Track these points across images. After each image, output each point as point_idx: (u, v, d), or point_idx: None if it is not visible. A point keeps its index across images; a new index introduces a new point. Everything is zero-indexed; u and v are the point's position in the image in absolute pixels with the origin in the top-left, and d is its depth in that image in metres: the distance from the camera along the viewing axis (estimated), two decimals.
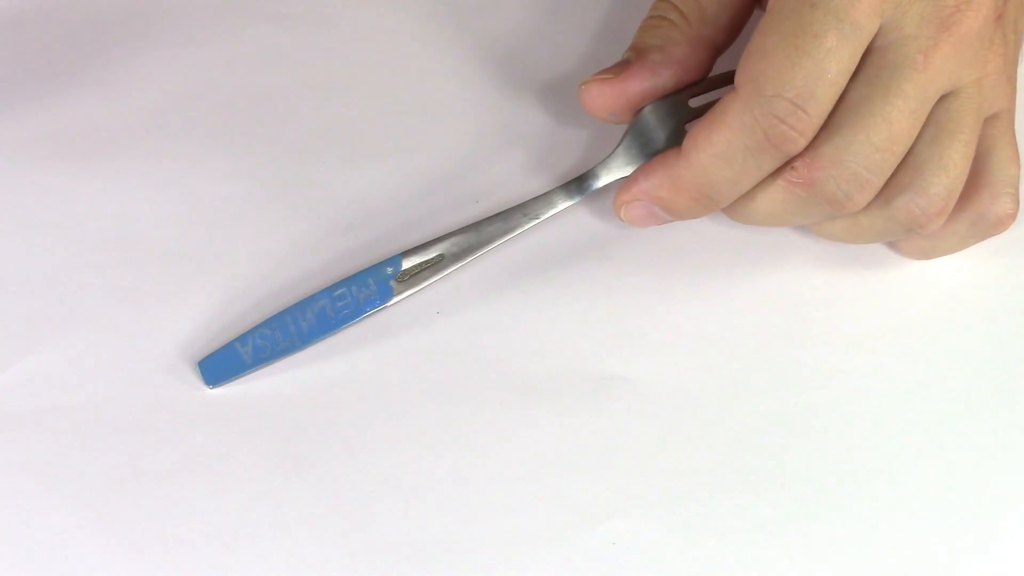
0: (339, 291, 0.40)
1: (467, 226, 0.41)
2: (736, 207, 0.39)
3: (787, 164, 0.37)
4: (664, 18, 0.40)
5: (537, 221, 0.41)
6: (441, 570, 0.38)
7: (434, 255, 0.41)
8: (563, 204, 0.41)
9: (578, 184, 0.41)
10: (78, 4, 0.46)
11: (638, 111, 0.41)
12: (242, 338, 0.40)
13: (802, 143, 0.36)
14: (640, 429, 0.40)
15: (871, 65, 0.36)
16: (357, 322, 0.40)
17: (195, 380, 0.40)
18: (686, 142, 0.38)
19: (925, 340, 0.42)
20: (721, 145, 0.37)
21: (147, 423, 0.39)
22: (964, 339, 0.42)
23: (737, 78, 0.37)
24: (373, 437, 0.40)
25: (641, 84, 0.40)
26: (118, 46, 0.45)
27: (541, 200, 0.41)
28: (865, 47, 0.36)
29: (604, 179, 0.41)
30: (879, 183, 0.37)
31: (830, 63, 0.35)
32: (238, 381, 0.40)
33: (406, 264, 0.40)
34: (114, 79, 0.45)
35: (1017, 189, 0.39)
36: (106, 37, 0.45)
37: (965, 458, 0.40)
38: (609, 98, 0.40)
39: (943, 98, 0.37)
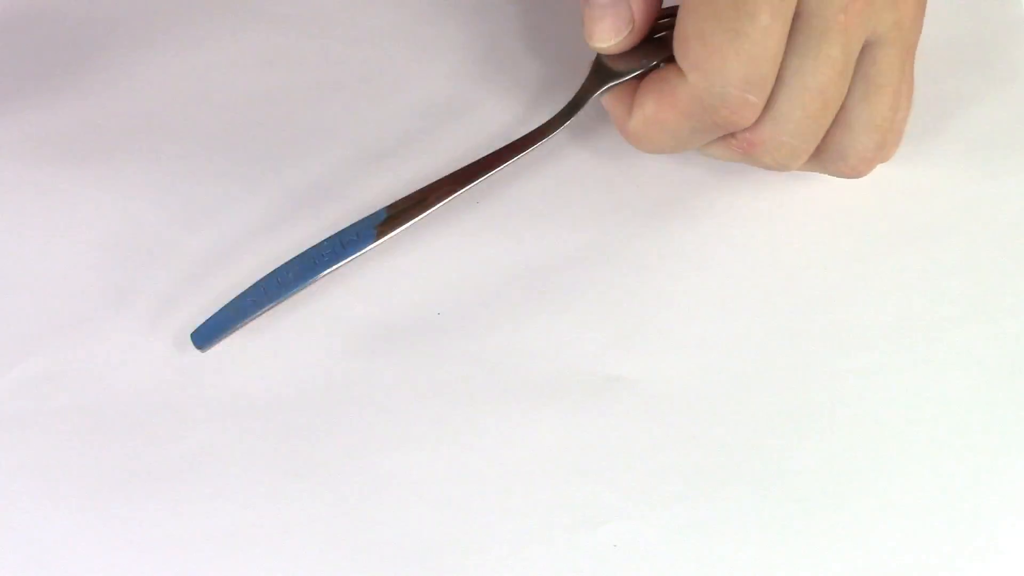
0: (323, 243, 0.39)
1: (453, 172, 0.40)
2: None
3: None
4: None
5: (523, 154, 0.40)
6: (441, 571, 0.38)
7: (417, 201, 0.40)
8: (545, 135, 0.40)
9: (567, 110, 0.41)
10: (78, 4, 0.46)
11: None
12: (232, 302, 0.40)
13: (749, 122, 0.37)
14: (642, 430, 0.40)
15: (799, 32, 0.36)
16: (341, 265, 0.40)
17: (196, 380, 0.40)
18: (635, 109, 0.39)
19: (927, 340, 0.42)
20: (670, 123, 0.38)
21: (147, 423, 0.39)
22: (966, 337, 0.42)
23: (680, 60, 0.37)
24: (373, 437, 0.40)
25: None
26: (118, 46, 0.45)
27: (527, 136, 0.40)
28: (792, 15, 0.35)
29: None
30: (813, 147, 0.38)
31: (769, 41, 0.35)
32: (238, 381, 0.40)
33: (389, 214, 0.40)
34: (114, 79, 0.45)
35: (884, 134, 0.38)
36: (106, 37, 0.45)
37: (967, 457, 0.40)
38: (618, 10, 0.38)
39: (868, 46, 0.37)
